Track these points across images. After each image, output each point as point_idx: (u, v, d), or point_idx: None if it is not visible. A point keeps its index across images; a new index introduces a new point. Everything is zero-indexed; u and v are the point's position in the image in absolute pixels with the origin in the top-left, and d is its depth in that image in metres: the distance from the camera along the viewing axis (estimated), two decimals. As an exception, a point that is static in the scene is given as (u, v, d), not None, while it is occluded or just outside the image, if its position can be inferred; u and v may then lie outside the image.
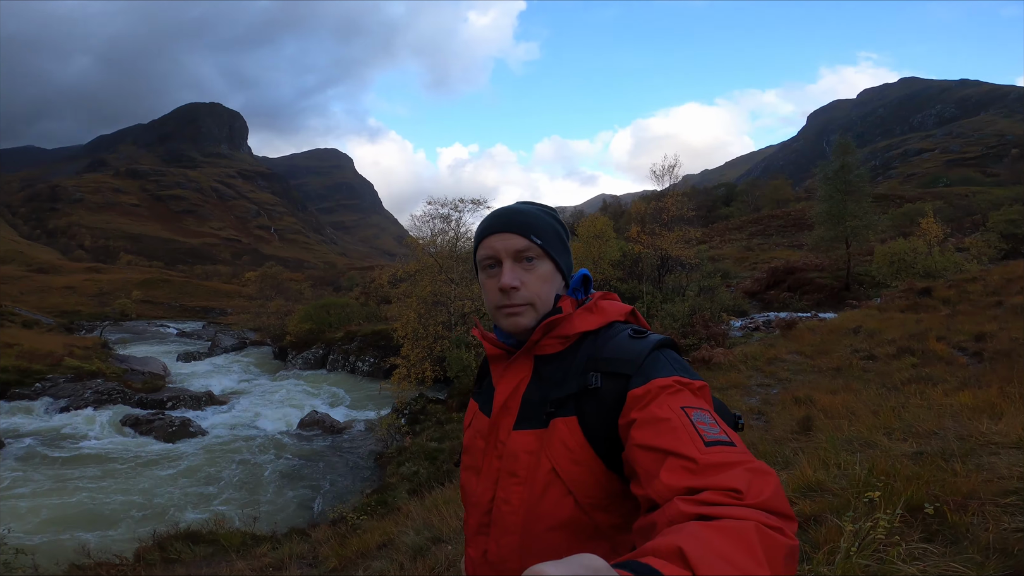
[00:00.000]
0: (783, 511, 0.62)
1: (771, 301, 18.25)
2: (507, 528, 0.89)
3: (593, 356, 0.90)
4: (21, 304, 34.24)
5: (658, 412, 0.75)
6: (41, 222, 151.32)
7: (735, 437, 0.73)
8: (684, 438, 0.71)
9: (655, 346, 0.87)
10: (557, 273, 1.00)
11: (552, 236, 0.99)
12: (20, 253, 69.34)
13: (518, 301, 0.94)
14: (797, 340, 9.95)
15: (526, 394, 0.94)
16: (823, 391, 5.60)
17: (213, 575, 3.10)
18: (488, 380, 1.05)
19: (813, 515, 2.32)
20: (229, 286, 57.64)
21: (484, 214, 18.94)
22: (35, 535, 6.58)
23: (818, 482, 2.63)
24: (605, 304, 0.99)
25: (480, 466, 0.97)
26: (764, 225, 38.67)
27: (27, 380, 14.07)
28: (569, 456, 0.85)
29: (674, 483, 0.67)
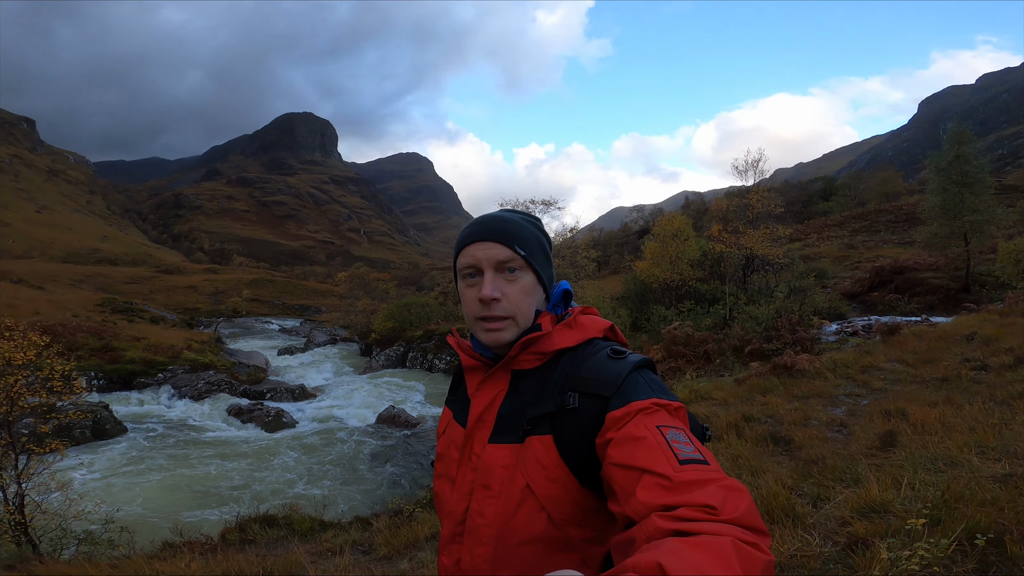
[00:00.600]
0: (757, 527, 0.63)
1: (874, 303, 16.67)
2: (480, 539, 0.90)
3: (571, 375, 0.89)
4: (150, 302, 38.86)
5: (634, 431, 0.76)
6: (167, 227, 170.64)
7: (709, 456, 0.74)
8: (659, 456, 0.72)
9: (633, 367, 0.86)
10: (539, 285, 0.99)
11: (535, 247, 0.98)
12: (150, 256, 78.54)
13: (499, 313, 0.93)
14: (899, 347, 9.05)
15: (502, 408, 0.93)
16: (919, 403, 5.07)
17: (277, 556, 3.40)
18: (463, 389, 1.04)
19: (862, 538, 2.14)
20: (323, 285, 61.76)
21: (555, 215, 18.57)
22: (141, 513, 7.49)
23: (883, 502, 2.41)
24: (584, 320, 0.98)
25: (454, 476, 0.97)
26: (870, 221, 35.36)
27: (151, 371, 15.95)
28: (544, 473, 0.85)
29: (650, 500, 0.68)
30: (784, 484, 3.20)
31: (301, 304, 53.51)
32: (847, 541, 2.18)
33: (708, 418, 6.40)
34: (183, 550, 3.69)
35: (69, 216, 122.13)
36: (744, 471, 3.77)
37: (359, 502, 8.16)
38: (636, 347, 14.42)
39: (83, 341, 16.79)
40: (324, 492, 8.49)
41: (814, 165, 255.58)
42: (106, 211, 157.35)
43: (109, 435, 11.16)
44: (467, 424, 0.96)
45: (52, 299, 27.18)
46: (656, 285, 18.19)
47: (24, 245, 76.56)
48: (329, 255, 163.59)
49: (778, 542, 2.31)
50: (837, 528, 2.38)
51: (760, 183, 17.71)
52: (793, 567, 2.15)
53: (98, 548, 4.80)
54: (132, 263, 63.28)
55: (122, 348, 17.01)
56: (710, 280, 17.97)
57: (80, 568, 3.15)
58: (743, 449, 4.55)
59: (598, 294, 18.15)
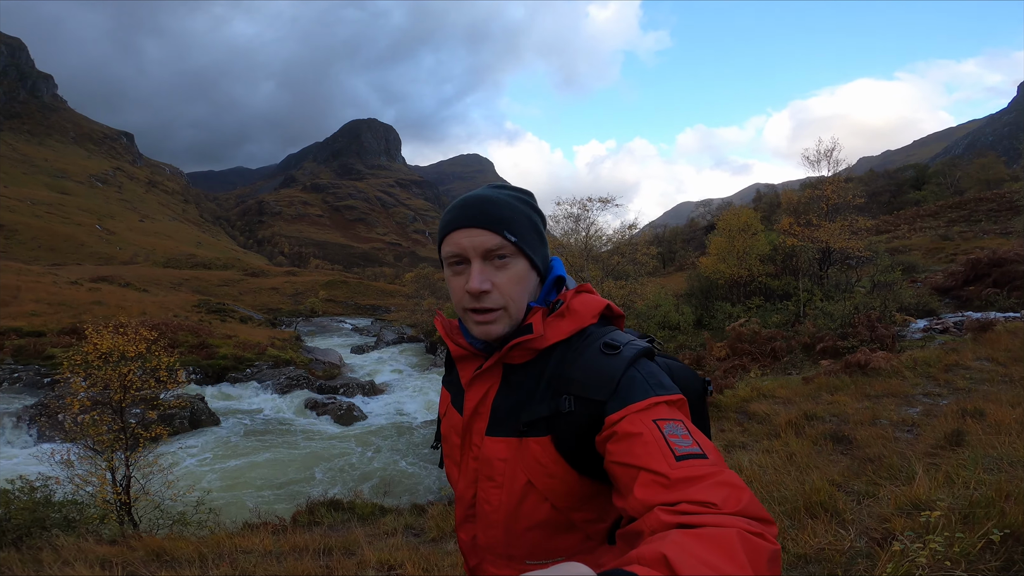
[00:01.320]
0: (761, 516, 0.63)
1: (969, 299, 15.21)
2: (491, 523, 0.92)
3: (564, 376, 0.86)
4: (239, 303, 42.03)
5: (630, 428, 0.75)
6: (252, 233, 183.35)
7: (709, 448, 0.73)
8: (655, 453, 0.71)
9: (628, 364, 0.82)
10: (532, 271, 0.91)
11: (528, 229, 0.90)
12: (238, 260, 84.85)
13: (489, 305, 0.87)
14: (990, 344, 8.32)
15: (495, 401, 0.91)
16: (1001, 403, 4.73)
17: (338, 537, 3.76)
18: (456, 373, 1.00)
19: (894, 534, 2.13)
20: (392, 286, 64.09)
21: (617, 212, 18.51)
22: (228, 496, 8.26)
23: (929, 500, 2.36)
24: (577, 305, 0.91)
25: (459, 461, 0.98)
26: (969, 210, 32.26)
27: (240, 366, 17.38)
28: (543, 471, 0.86)
29: (647, 499, 0.68)
30: (831, 481, 3.16)
31: (372, 304, 55.83)
32: (880, 536, 2.17)
33: (768, 416, 6.24)
34: (259, 529, 4.14)
35: (168, 224, 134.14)
36: (793, 468, 3.72)
37: (418, 490, 8.61)
38: (699, 344, 14.07)
39: (183, 339, 18.54)
40: (386, 481, 9.02)
41: (903, 153, 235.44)
42: (199, 218, 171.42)
43: (204, 424, 12.31)
44: (464, 413, 0.95)
45: (156, 300, 30.10)
46: (722, 281, 17.61)
47: (129, 252, 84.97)
48: (397, 256, 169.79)
49: (809, 536, 2.33)
50: (875, 524, 2.36)
51: (839, 172, 16.67)
52: (820, 560, 2.17)
53: (189, 528, 5.26)
54: (223, 267, 68.65)
55: (216, 345, 18.63)
56: (782, 276, 17.16)
57: (173, 543, 3.59)
58: (799, 447, 4.45)
59: (659, 291, 17.82)
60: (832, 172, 16.45)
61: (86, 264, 63.74)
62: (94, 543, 3.55)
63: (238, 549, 3.42)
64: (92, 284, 32.19)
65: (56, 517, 4.34)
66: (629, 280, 16.72)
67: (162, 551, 3.31)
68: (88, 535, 3.84)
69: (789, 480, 3.41)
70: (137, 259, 76.29)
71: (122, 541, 3.61)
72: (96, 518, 4.66)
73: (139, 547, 3.41)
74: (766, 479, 3.67)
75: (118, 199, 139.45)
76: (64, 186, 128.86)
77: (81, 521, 4.52)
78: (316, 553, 3.33)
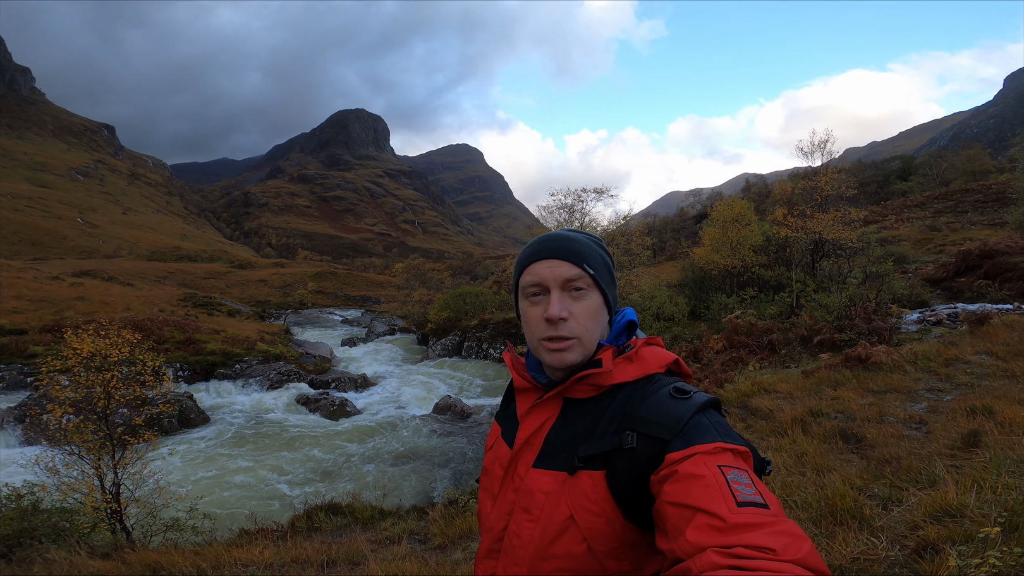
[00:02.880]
0: (820, 569, 0.61)
1: (961, 290, 15.34)
2: (515, 560, 0.90)
3: (630, 413, 0.86)
4: (227, 296, 41.44)
5: (693, 469, 0.74)
6: (239, 224, 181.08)
7: (772, 500, 0.71)
8: (716, 495, 0.70)
9: (698, 409, 0.83)
10: (604, 307, 0.96)
11: (602, 267, 0.95)
12: (225, 252, 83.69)
13: (565, 333, 0.90)
14: (988, 338, 8.35)
15: (550, 434, 0.92)
16: (1008, 400, 4.70)
17: (340, 544, 3.63)
18: (513, 406, 1.03)
19: (932, 543, 2.04)
20: (382, 277, 63.72)
21: (609, 202, 18.53)
22: (221, 499, 8.08)
23: (960, 506, 2.28)
24: (647, 353, 0.94)
25: (496, 493, 0.97)
26: (955, 201, 32.67)
27: (229, 362, 17.07)
28: (590, 508, 0.85)
29: (699, 541, 0.66)
30: (852, 485, 3.08)
31: (362, 295, 55.44)
32: (916, 546, 2.08)
33: (771, 412, 6.19)
34: (257, 537, 4.00)
35: (151, 217, 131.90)
36: (808, 470, 3.64)
37: (417, 491, 8.49)
38: (695, 336, 14.05)
39: (169, 334, 18.19)
40: (384, 480, 8.89)
41: (889, 144, 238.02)
42: (184, 211, 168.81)
43: (194, 424, 12.08)
44: (514, 445, 0.96)
45: (140, 295, 29.56)
46: (716, 272, 17.61)
47: (113, 245, 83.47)
48: (386, 247, 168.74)
49: (841, 545, 2.24)
50: (907, 532, 2.28)
51: (829, 164, 16.68)
52: (855, 571, 2.08)
53: (183, 535, 5.13)
54: (209, 259, 67.69)
55: (203, 341, 18.30)
56: (775, 266, 17.19)
57: (167, 555, 3.43)
58: (809, 446, 4.38)
59: (654, 282, 17.78)
60: (825, 163, 16.46)
61: (68, 258, 62.48)
62: (86, 557, 3.39)
63: (237, 562, 3.27)
64: (74, 279, 31.51)
65: (45, 527, 4.16)
66: (624, 271, 16.66)
67: (158, 566, 3.15)
68: (80, 547, 3.67)
69: (807, 483, 3.33)
70: (121, 252, 74.97)
71: (116, 555, 3.45)
72: (87, 527, 4.48)
73: (134, 561, 3.25)
74: (780, 480, 3.59)
75: (100, 192, 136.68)
76: (44, 179, 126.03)
77: (71, 530, 4.34)
78: (319, 566, 3.20)
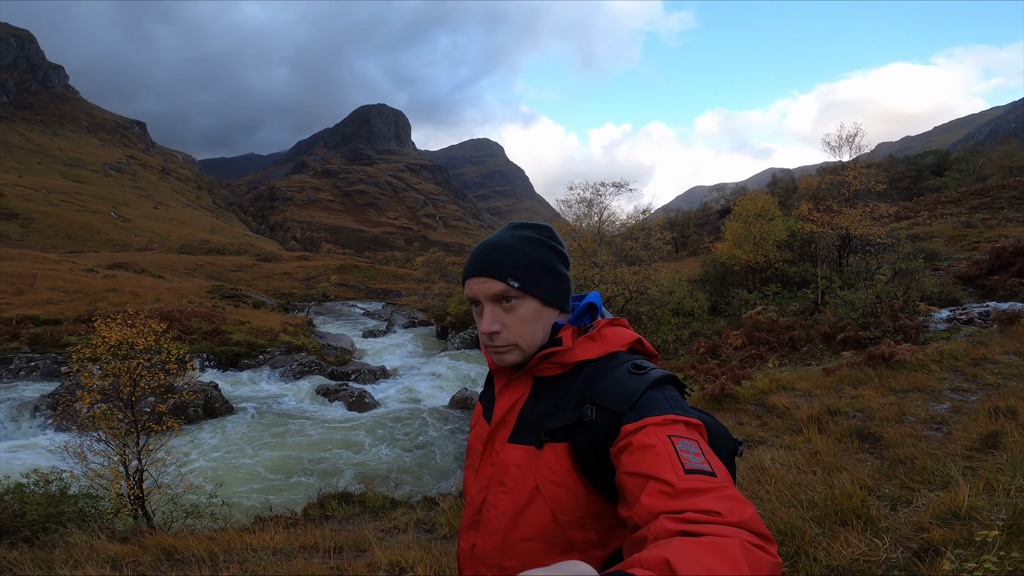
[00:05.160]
0: (763, 532, 0.64)
1: (994, 288, 14.80)
2: (492, 530, 0.96)
3: (591, 388, 0.91)
4: (252, 288, 42.37)
5: (645, 440, 0.78)
6: (265, 218, 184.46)
7: (719, 468, 0.75)
8: (666, 464, 0.74)
9: (653, 383, 0.87)
10: (545, 308, 0.98)
11: (535, 271, 0.97)
12: (251, 245, 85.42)
13: (500, 343, 0.97)
14: (1018, 338, 8.07)
15: (523, 410, 0.98)
16: (1036, 404, 4.53)
17: (349, 532, 3.71)
18: (493, 388, 1.08)
19: (935, 546, 1.99)
20: (403, 270, 64.26)
21: (628, 196, 18.45)
22: (241, 487, 8.28)
23: (970, 508, 2.22)
24: (609, 332, 0.98)
25: (477, 468, 1.03)
26: (992, 197, 31.49)
27: (253, 352, 17.47)
28: (553, 478, 0.89)
29: (652, 506, 0.70)
30: (862, 484, 3.02)
31: (383, 288, 56.03)
32: (918, 548, 2.04)
33: (788, 410, 6.09)
34: (271, 524, 4.10)
35: (182, 211, 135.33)
36: (819, 469, 3.58)
37: (429, 481, 8.60)
38: (714, 332, 13.86)
39: (196, 325, 18.68)
40: (398, 470, 9.02)
41: (923, 139, 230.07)
42: (212, 205, 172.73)
43: (218, 413, 12.40)
44: (491, 422, 1.02)
45: (170, 287, 30.40)
46: (738, 267, 17.32)
47: (145, 238, 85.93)
48: (408, 240, 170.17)
49: (842, 545, 2.20)
50: (912, 534, 2.23)
51: (859, 158, 16.22)
52: (853, 572, 2.04)
53: (201, 521, 5.28)
54: (236, 252, 69.19)
55: (229, 332, 18.75)
56: (799, 262, 16.83)
57: (183, 540, 3.56)
58: (823, 445, 4.30)
59: (673, 277, 17.58)
60: (854, 157, 16.01)
61: (102, 251, 64.59)
62: (106, 541, 3.52)
63: (248, 547, 3.37)
64: (108, 271, 32.57)
65: (71, 512, 4.34)
66: (643, 265, 16.51)
67: (173, 550, 3.27)
68: (101, 531, 3.82)
69: (816, 481, 3.28)
70: (152, 245, 77.16)
71: (134, 539, 3.58)
72: (110, 512, 4.65)
73: (150, 545, 3.38)
74: (790, 479, 3.54)
75: (132, 187, 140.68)
76: (79, 175, 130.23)
77: (95, 515, 4.51)
78: (326, 552, 3.28)
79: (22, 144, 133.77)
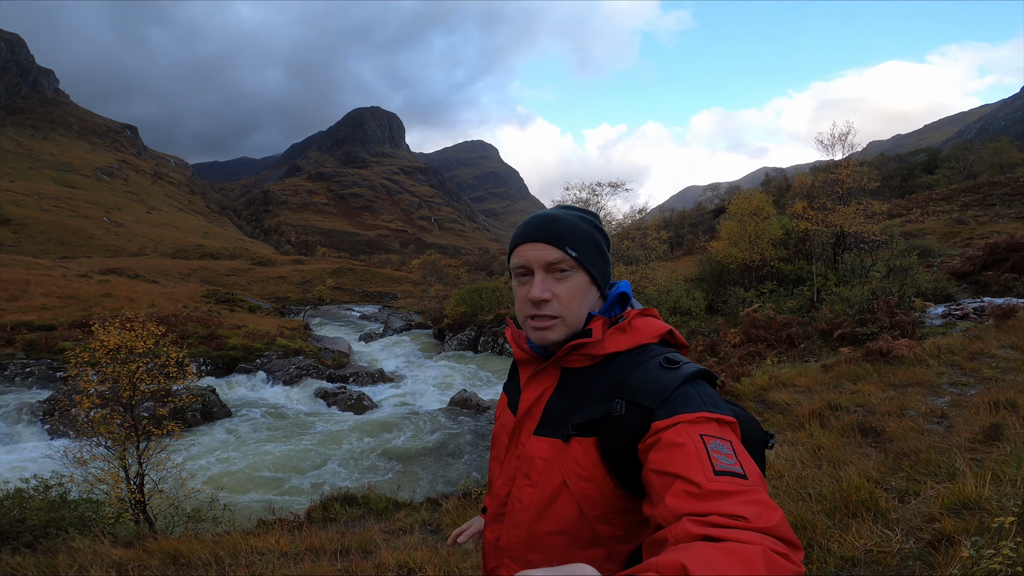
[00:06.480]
0: (789, 538, 0.63)
1: (988, 284, 14.94)
2: (516, 523, 0.95)
3: (621, 382, 0.89)
4: (248, 292, 42.15)
5: (675, 438, 0.76)
6: (259, 222, 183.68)
7: (751, 470, 0.72)
8: (695, 464, 0.72)
9: (686, 379, 0.84)
10: (592, 286, 0.97)
11: (589, 246, 0.96)
12: (245, 249, 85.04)
13: (548, 312, 0.93)
14: (1014, 332, 8.13)
15: (549, 403, 0.96)
16: (1035, 397, 4.56)
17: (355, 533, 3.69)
18: (518, 377, 1.06)
19: (948, 536, 2.00)
20: (399, 273, 64.11)
21: (625, 196, 18.60)
22: (241, 491, 8.23)
23: (978, 499, 2.23)
24: (639, 324, 0.96)
25: (502, 460, 1.02)
26: (983, 194, 31.92)
27: (250, 356, 17.37)
28: (580, 473, 0.88)
29: (677, 507, 0.69)
30: (869, 477, 3.03)
31: (379, 291, 55.87)
32: (931, 538, 2.05)
33: (788, 406, 6.11)
34: (274, 527, 4.08)
35: (175, 215, 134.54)
36: (825, 463, 3.59)
37: (430, 483, 8.56)
38: (712, 330, 13.91)
39: (193, 330, 18.57)
40: (400, 473, 8.98)
41: (914, 137, 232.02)
42: (206, 209, 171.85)
43: (216, 417, 12.32)
44: (517, 413, 1.00)
45: (165, 291, 30.21)
46: (734, 266, 17.39)
47: (138, 243, 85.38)
48: (403, 243, 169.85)
49: (854, 537, 2.21)
50: (923, 524, 2.24)
51: (851, 156, 16.35)
52: (867, 563, 2.05)
53: (203, 525, 5.22)
54: (231, 256, 68.84)
55: (225, 336, 18.65)
56: (795, 260, 16.92)
57: (187, 544, 3.53)
58: (826, 440, 4.32)
59: (670, 276, 17.63)
60: (846, 155, 16.13)
61: (95, 257, 64.10)
62: (109, 545, 3.49)
63: (254, 550, 3.35)
64: (101, 276, 32.33)
65: (72, 517, 4.30)
66: (640, 265, 16.54)
67: (178, 553, 3.24)
68: (103, 536, 3.78)
69: (822, 475, 3.29)
70: (145, 250, 76.68)
71: (137, 543, 3.55)
72: (111, 517, 4.61)
73: (155, 549, 3.35)
74: (795, 473, 3.55)
75: (124, 191, 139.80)
76: (70, 180, 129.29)
77: (96, 520, 4.47)
78: (333, 555, 3.26)
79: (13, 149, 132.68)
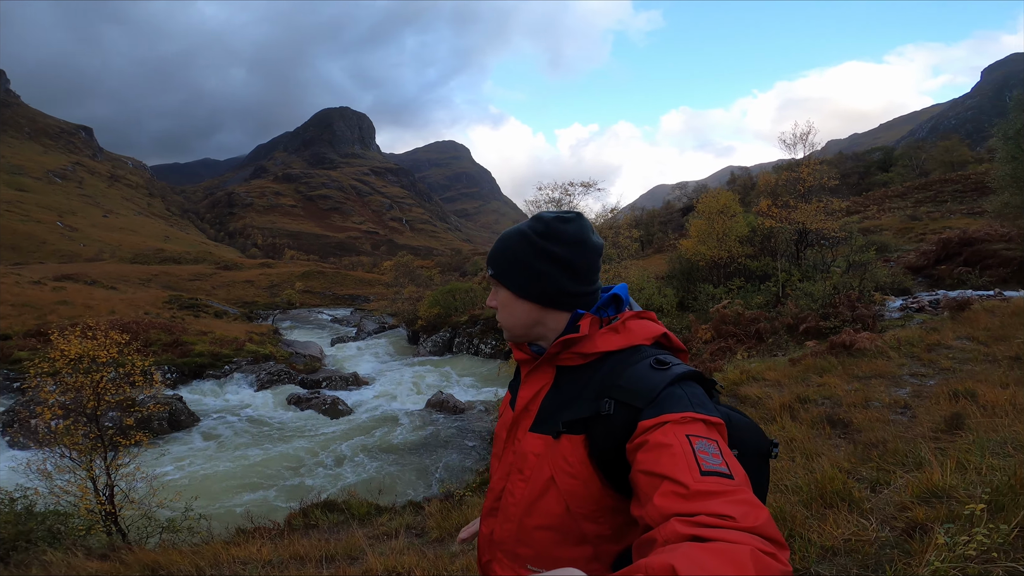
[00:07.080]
0: (776, 538, 0.64)
1: (942, 277, 15.70)
2: (508, 516, 0.98)
3: (611, 382, 0.90)
4: (213, 297, 40.93)
5: (662, 439, 0.77)
6: (223, 225, 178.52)
7: (737, 471, 0.73)
8: (682, 464, 0.72)
9: (674, 379, 0.85)
10: (519, 300, 1.01)
11: (509, 263, 1.01)
12: (209, 253, 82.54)
13: (499, 320, 1.06)
14: (969, 323, 8.56)
15: (544, 400, 0.99)
16: (990, 384, 4.82)
17: (338, 540, 3.65)
18: (520, 377, 1.10)
19: (921, 524, 2.12)
20: (370, 275, 63.29)
21: (597, 196, 18.84)
22: (216, 500, 8.02)
23: (946, 487, 2.36)
24: (633, 325, 0.97)
25: (500, 455, 1.06)
26: (935, 191, 33.42)
27: (218, 363, 16.88)
28: (567, 469, 0.90)
29: (665, 507, 0.69)
30: (841, 468, 3.16)
31: (350, 294, 55.03)
32: (905, 526, 2.16)
33: (760, 399, 6.29)
34: (254, 536, 4.00)
35: (133, 219, 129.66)
36: (798, 455, 3.72)
37: (412, 486, 8.50)
38: (683, 326, 14.19)
39: (156, 337, 17.95)
40: (379, 476, 8.89)
41: (870, 136, 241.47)
42: (166, 212, 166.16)
43: (184, 426, 11.95)
44: (515, 409, 1.04)
45: (124, 298, 29.10)
46: (703, 263, 17.80)
47: (94, 248, 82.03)
48: (374, 245, 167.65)
49: (832, 526, 2.31)
50: (896, 513, 2.35)
51: (811, 155, 16.92)
52: (847, 552, 2.15)
53: (179, 535, 5.11)
54: (194, 261, 66.75)
55: (191, 342, 18.08)
56: (760, 257, 17.41)
57: (165, 555, 3.43)
58: (798, 432, 4.47)
59: (642, 274, 17.92)
60: (807, 154, 16.68)
61: (49, 262, 61.32)
62: (84, 558, 3.36)
63: (236, 560, 3.28)
64: (56, 283, 30.95)
65: (40, 530, 4.12)
66: (612, 263, 16.75)
67: (157, 565, 3.15)
68: (76, 549, 3.64)
69: (796, 467, 3.41)
70: (103, 256, 73.70)
71: (113, 555, 3.43)
72: (82, 529, 4.44)
73: (132, 561, 3.24)
74: (771, 466, 3.67)
75: (79, 195, 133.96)
76: (21, 183, 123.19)
77: (66, 532, 4.30)
78: (318, 561, 3.22)
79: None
